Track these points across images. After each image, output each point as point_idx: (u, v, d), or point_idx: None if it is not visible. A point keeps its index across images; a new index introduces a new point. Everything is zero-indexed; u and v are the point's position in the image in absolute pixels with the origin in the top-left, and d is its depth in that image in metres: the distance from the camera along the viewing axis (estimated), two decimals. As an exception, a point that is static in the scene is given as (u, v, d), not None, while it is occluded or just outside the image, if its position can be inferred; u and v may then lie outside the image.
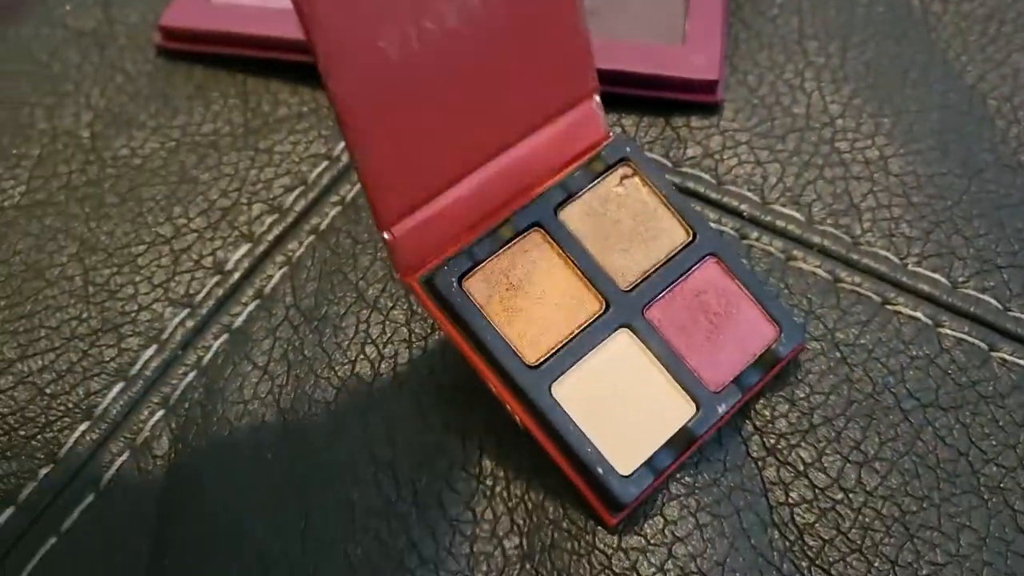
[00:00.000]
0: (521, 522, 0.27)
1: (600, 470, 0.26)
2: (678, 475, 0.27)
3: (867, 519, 0.27)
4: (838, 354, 0.29)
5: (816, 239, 0.32)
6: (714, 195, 0.33)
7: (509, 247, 0.27)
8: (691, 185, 0.33)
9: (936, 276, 0.31)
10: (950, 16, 0.38)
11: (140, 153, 0.35)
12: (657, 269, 0.28)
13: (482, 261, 0.27)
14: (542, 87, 0.28)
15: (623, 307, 0.27)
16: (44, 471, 0.28)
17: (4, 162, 0.35)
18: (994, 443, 0.28)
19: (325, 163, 0.35)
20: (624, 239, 0.28)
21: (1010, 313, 0.30)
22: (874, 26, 0.37)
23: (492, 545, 0.27)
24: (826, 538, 0.26)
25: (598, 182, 0.29)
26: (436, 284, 0.26)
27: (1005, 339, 0.29)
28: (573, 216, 0.28)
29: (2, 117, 0.36)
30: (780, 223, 0.32)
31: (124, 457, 0.29)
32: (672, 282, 0.28)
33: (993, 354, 0.29)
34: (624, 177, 0.29)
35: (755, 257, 0.31)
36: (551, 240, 0.28)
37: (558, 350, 0.27)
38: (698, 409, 0.27)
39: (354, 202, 0.34)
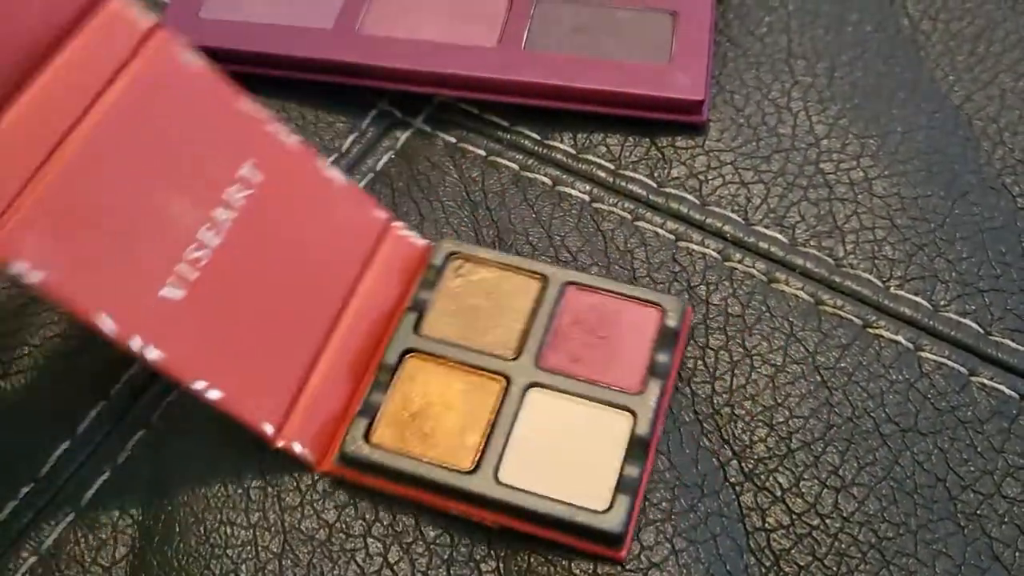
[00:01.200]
0: (498, 546, 0.27)
1: (581, 519, 0.26)
2: (655, 501, 0.27)
3: (843, 545, 0.27)
4: (818, 378, 0.29)
5: (799, 261, 0.32)
6: (697, 216, 0.33)
7: (394, 384, 0.29)
8: (675, 206, 0.33)
9: (918, 299, 0.31)
10: (939, 35, 0.38)
11: (127, 169, 0.35)
12: (530, 325, 0.29)
13: (377, 410, 0.28)
14: (335, 254, 0.30)
15: (519, 372, 0.29)
16: (25, 489, 0.29)
17: (-9, 177, 0.35)
18: (972, 469, 0.28)
19: (311, 180, 0.35)
20: (488, 317, 0.30)
21: (991, 337, 0.30)
22: (863, 45, 0.37)
23: (469, 568, 0.27)
24: (802, 564, 0.26)
25: (440, 286, 0.30)
26: (349, 455, 0.27)
27: (985, 364, 0.29)
28: (434, 325, 0.30)
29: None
30: (763, 245, 0.32)
31: (105, 475, 0.29)
32: (547, 327, 0.29)
33: (973, 379, 0.29)
34: (458, 268, 0.31)
35: (737, 279, 0.31)
36: (427, 357, 0.29)
37: (485, 442, 0.27)
38: (634, 415, 0.28)
39: (339, 220, 0.34)
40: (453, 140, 0.36)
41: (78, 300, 0.24)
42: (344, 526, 0.27)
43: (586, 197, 0.34)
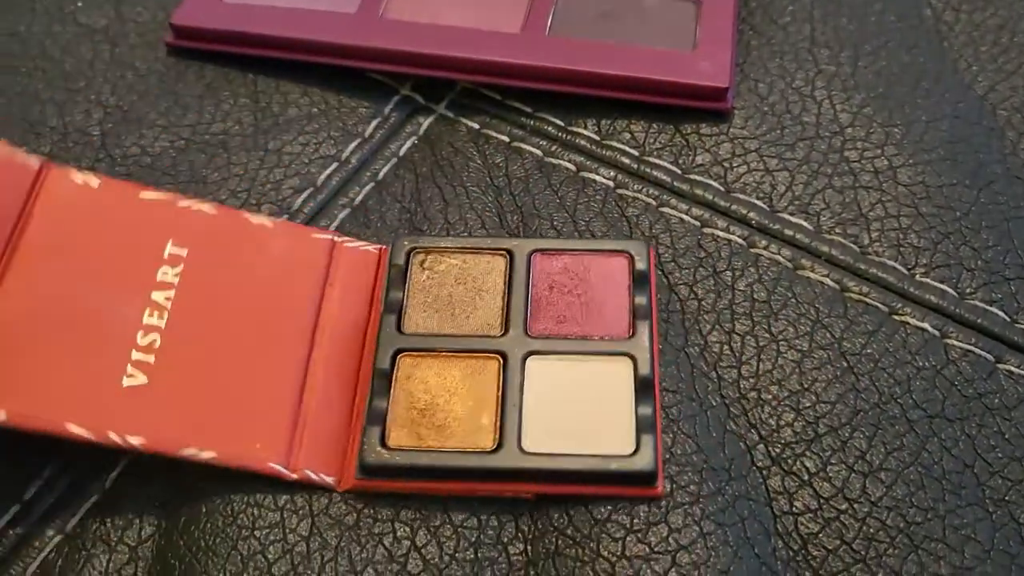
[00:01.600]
0: (526, 528, 0.27)
1: (614, 467, 0.26)
2: (683, 484, 0.27)
3: (871, 530, 0.27)
4: (845, 363, 0.29)
5: (824, 248, 0.32)
6: (722, 203, 0.33)
7: (394, 386, 0.28)
8: (699, 192, 0.33)
9: (944, 287, 0.31)
10: (962, 26, 0.38)
11: (150, 152, 0.35)
12: (508, 300, 0.30)
13: (384, 415, 0.28)
14: (289, 289, 0.30)
15: (512, 345, 0.29)
16: (48, 471, 0.29)
17: (14, 159, 0.35)
18: (1000, 455, 0.28)
19: (334, 165, 0.35)
20: (466, 303, 0.30)
21: (1017, 325, 0.30)
22: (886, 35, 0.37)
23: (496, 551, 0.27)
24: (830, 548, 0.26)
25: (409, 282, 0.30)
26: (370, 464, 0.27)
27: (1012, 351, 0.29)
28: (415, 321, 0.30)
29: (13, 113, 0.36)
30: (788, 232, 0.32)
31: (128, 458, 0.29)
32: (526, 297, 0.30)
33: (1000, 366, 0.29)
34: (422, 262, 0.31)
35: (763, 266, 0.31)
36: (418, 353, 0.29)
37: (500, 419, 0.28)
38: (632, 358, 0.28)
39: (363, 205, 0.34)
40: (476, 126, 0.36)
41: (41, 422, 0.26)
42: (372, 511, 0.27)
43: (610, 183, 0.34)
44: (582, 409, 0.28)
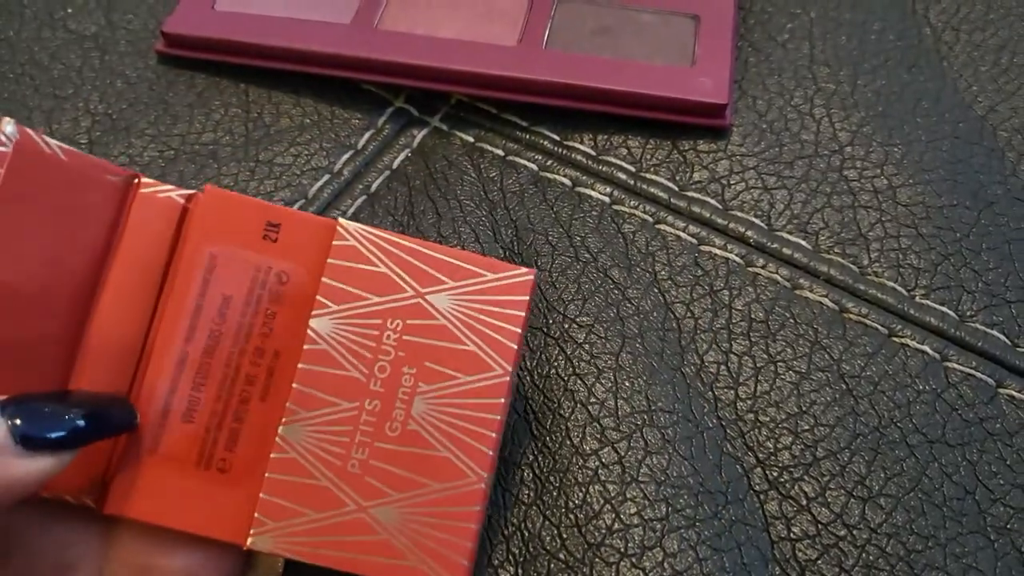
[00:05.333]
0: (516, 551, 0.26)
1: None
2: (678, 507, 0.27)
3: (871, 557, 0.26)
4: (843, 386, 0.29)
5: (823, 268, 0.31)
6: (720, 220, 0.32)
7: None
8: (697, 210, 0.33)
9: (944, 309, 0.30)
10: (962, 46, 0.37)
11: (138, 161, 0.34)
12: None
13: None
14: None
15: None
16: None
17: None
18: (1001, 482, 0.27)
19: (326, 177, 0.34)
20: None
21: (1019, 349, 0.29)
22: (885, 54, 0.37)
23: (486, 575, 0.26)
24: (828, 576, 0.26)
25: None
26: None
27: (1013, 376, 0.29)
28: None
29: None
30: (787, 251, 0.32)
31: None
32: None
33: (1001, 391, 0.29)
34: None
35: (760, 285, 0.31)
36: None
37: None
38: None
39: (355, 217, 0.33)
40: (471, 139, 0.35)
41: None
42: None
43: (606, 199, 0.33)
44: None
